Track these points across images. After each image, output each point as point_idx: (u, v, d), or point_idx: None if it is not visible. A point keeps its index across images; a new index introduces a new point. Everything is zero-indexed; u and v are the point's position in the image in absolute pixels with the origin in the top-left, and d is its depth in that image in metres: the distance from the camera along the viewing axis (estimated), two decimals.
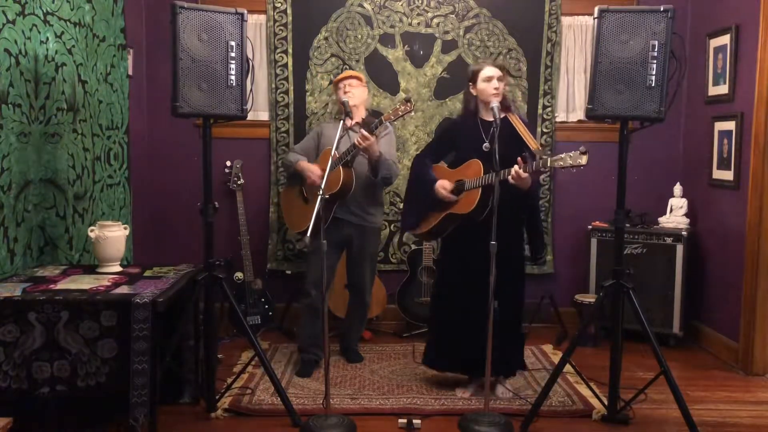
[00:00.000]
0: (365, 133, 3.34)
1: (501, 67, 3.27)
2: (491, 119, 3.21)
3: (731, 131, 3.98)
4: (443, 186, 3.29)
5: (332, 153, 3.06)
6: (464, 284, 3.28)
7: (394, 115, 3.29)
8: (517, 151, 3.11)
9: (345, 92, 3.64)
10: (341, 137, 3.17)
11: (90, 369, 2.52)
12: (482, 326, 2.97)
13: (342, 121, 3.12)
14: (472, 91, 3.32)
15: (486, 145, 3.20)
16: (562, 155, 2.90)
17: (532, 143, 3.13)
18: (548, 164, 2.91)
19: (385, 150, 3.56)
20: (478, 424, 2.91)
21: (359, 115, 3.69)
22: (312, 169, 3.63)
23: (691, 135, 4.54)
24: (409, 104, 3.23)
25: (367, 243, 3.74)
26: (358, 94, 3.66)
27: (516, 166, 2.97)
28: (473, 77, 3.30)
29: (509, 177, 3.00)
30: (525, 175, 2.98)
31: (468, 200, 3.20)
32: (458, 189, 3.26)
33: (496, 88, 3.21)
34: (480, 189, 3.14)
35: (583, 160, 2.82)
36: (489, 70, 3.24)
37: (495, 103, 3.10)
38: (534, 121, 4.54)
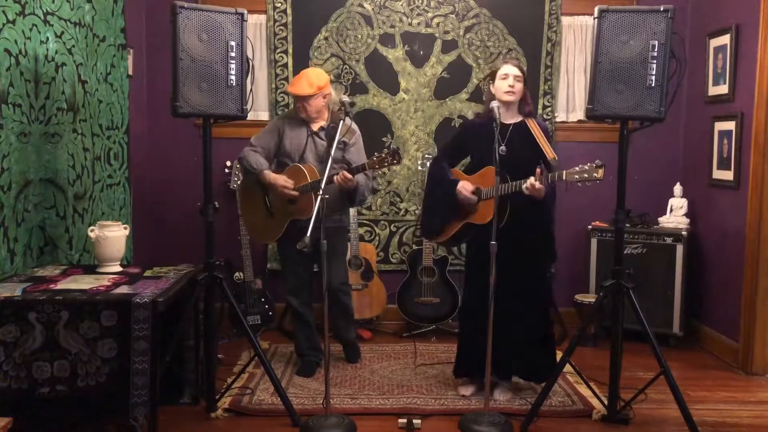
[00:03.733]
0: (347, 175, 3.29)
1: (520, 68, 3.21)
2: (510, 121, 3.20)
3: (731, 131, 3.98)
4: (465, 186, 3.20)
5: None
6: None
7: (379, 163, 3.24)
8: (532, 158, 3.09)
9: (299, 108, 3.57)
10: (337, 141, 3.10)
11: (90, 369, 2.52)
12: (511, 329, 3.04)
13: (342, 121, 3.10)
14: (492, 90, 3.24)
15: (503, 149, 3.11)
16: (577, 168, 2.87)
17: (549, 152, 3.08)
18: (563, 177, 2.89)
19: (356, 159, 3.50)
20: (478, 424, 2.91)
21: (322, 119, 3.61)
22: (283, 183, 3.49)
23: (691, 135, 4.54)
24: (397, 156, 3.19)
25: (336, 243, 3.62)
26: (311, 109, 3.54)
27: (532, 178, 2.95)
28: (492, 76, 3.25)
29: (524, 188, 2.97)
30: (540, 186, 2.95)
31: (486, 211, 3.14)
32: (476, 197, 3.21)
33: (510, 86, 3.16)
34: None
35: (599, 173, 2.80)
36: (505, 68, 3.19)
37: (495, 102, 3.07)
38: None
